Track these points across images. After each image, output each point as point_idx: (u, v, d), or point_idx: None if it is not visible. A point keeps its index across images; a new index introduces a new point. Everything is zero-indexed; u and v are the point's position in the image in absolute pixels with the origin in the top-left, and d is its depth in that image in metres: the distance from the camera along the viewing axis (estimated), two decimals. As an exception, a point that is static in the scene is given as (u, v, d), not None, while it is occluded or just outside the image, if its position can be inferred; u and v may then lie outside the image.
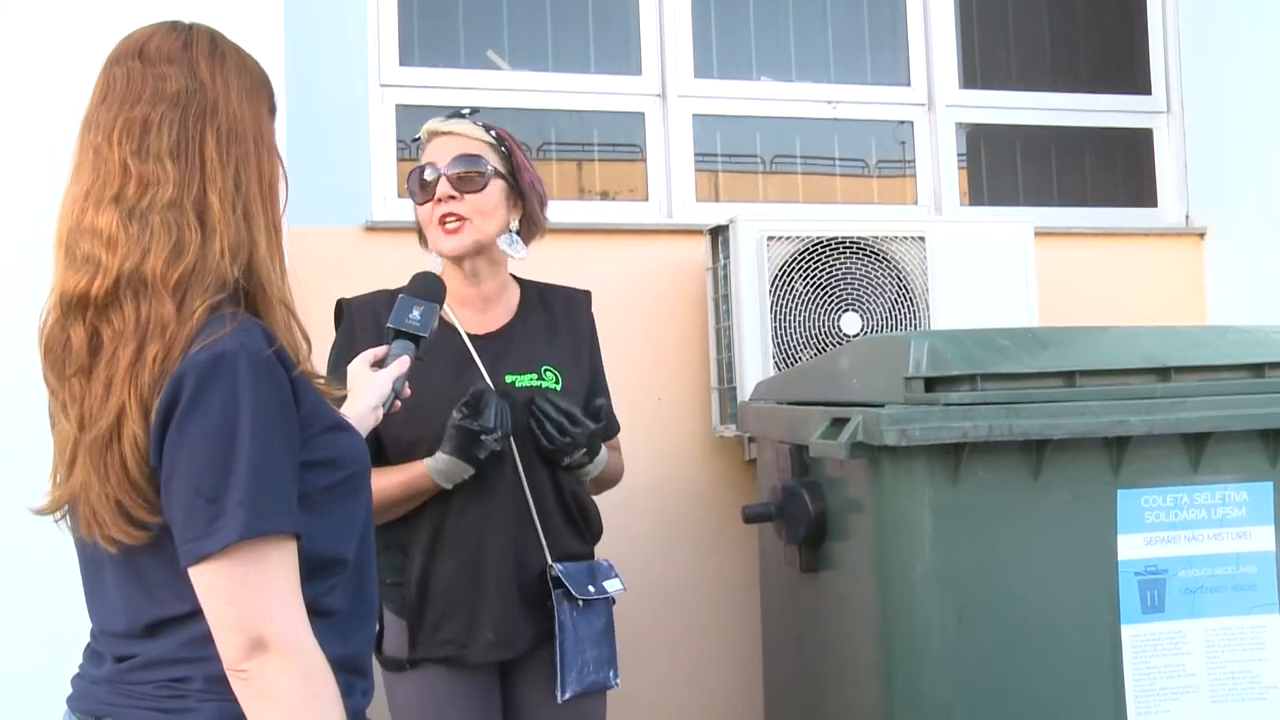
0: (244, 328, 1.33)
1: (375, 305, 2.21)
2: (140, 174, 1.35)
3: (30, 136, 2.59)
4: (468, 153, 2.21)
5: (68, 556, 1.49)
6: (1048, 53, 3.97)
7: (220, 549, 1.26)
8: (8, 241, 2.55)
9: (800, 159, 3.71)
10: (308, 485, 1.36)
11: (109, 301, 1.32)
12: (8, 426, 2.50)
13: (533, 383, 2.21)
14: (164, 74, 1.40)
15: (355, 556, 1.45)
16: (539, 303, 2.33)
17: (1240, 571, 2.12)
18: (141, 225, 1.33)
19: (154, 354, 1.29)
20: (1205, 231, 3.75)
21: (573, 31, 3.53)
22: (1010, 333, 2.20)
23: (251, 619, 1.27)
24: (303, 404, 1.37)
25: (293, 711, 1.28)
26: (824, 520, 2.28)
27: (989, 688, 2.03)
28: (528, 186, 2.26)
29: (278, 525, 1.30)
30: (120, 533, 1.32)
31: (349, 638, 1.43)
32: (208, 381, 1.28)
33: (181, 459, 1.28)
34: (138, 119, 1.37)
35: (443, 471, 2.09)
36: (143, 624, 1.37)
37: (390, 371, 1.82)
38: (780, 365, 3.03)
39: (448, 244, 2.19)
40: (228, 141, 1.40)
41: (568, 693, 2.16)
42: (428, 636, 2.13)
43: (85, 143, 1.40)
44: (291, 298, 1.44)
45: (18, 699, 2.42)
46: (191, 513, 1.27)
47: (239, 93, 1.43)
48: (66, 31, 2.62)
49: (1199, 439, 2.09)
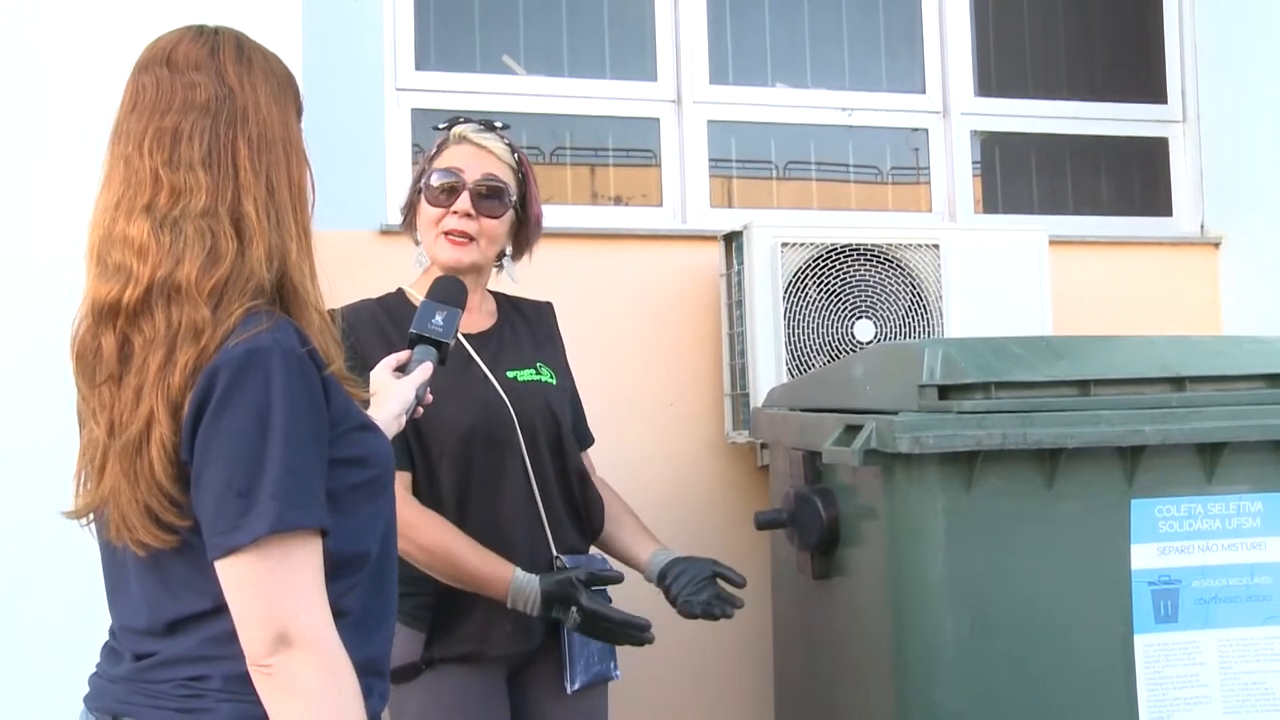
0: (279, 325, 1.34)
1: (372, 312, 2.22)
2: (172, 183, 1.36)
3: (30, 136, 2.60)
4: (496, 175, 2.22)
5: (78, 557, 1.50)
6: (1063, 61, 3.96)
7: (250, 541, 1.27)
8: (7, 242, 2.57)
9: (814, 165, 3.71)
10: (335, 483, 1.37)
11: (140, 310, 1.33)
12: (9, 427, 2.52)
13: (532, 378, 2.24)
14: (193, 82, 1.40)
15: (377, 557, 1.46)
16: (513, 310, 2.37)
17: (1255, 582, 2.12)
18: (174, 234, 1.34)
19: (185, 358, 1.30)
20: (1220, 241, 3.74)
21: (588, 37, 3.53)
22: (1024, 341, 2.20)
23: (277, 614, 1.28)
24: (333, 402, 1.38)
25: (316, 707, 1.28)
26: (836, 527, 2.28)
27: (1001, 696, 2.02)
28: (532, 217, 2.30)
29: (308, 520, 1.31)
30: (149, 536, 1.33)
31: (370, 638, 1.44)
32: (242, 376, 1.29)
33: (213, 452, 1.29)
34: (168, 128, 1.38)
35: (521, 592, 2.09)
36: (164, 621, 1.37)
37: (414, 378, 1.82)
38: (793, 372, 3.02)
39: (447, 255, 2.20)
40: (259, 148, 1.41)
41: (576, 683, 2.18)
42: (446, 635, 2.13)
43: (115, 152, 1.41)
44: (322, 300, 1.45)
45: (33, 698, 2.43)
46: (222, 506, 1.28)
47: (267, 97, 1.44)
48: (80, 33, 2.64)
49: (1214, 449, 2.08)
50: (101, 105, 1.54)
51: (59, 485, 1.49)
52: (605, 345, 3.18)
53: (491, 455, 2.16)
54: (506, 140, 2.28)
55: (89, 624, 1.50)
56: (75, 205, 1.64)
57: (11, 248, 2.58)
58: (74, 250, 1.42)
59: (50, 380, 1.73)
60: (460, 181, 2.20)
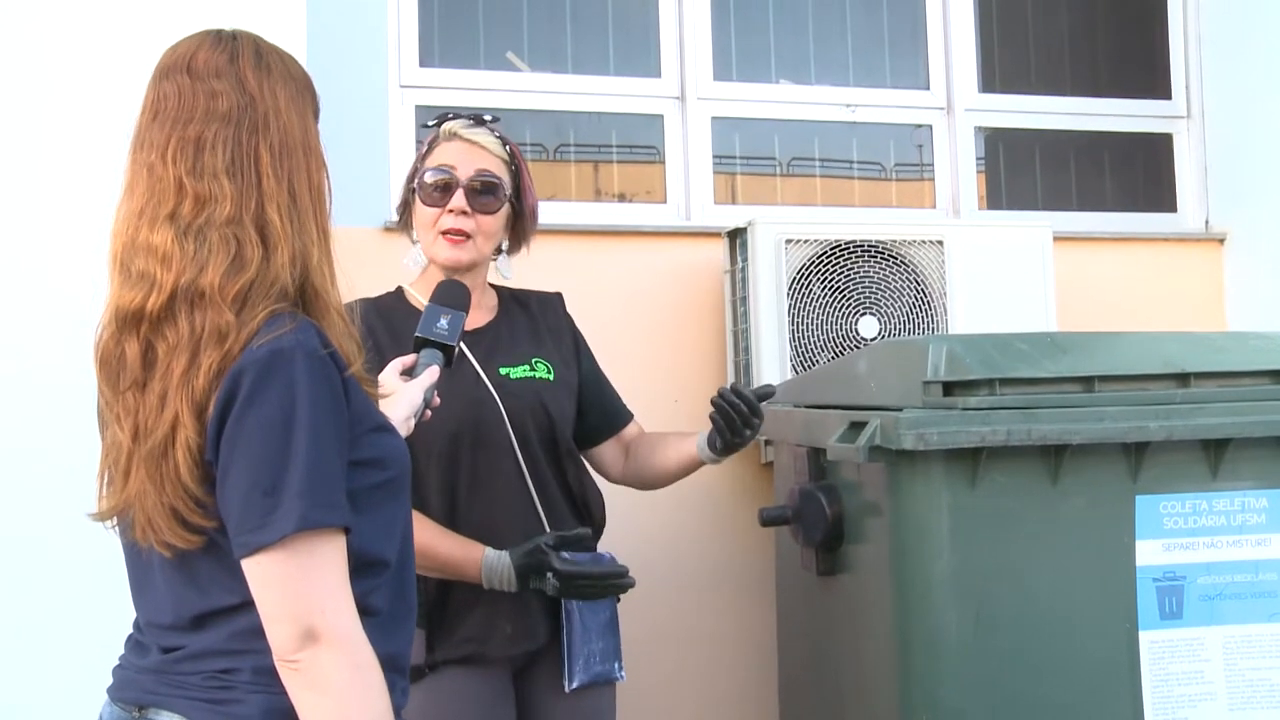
0: (302, 327, 1.35)
1: (363, 311, 2.21)
2: (196, 192, 1.37)
3: (42, 142, 2.61)
4: (489, 169, 2.21)
5: (93, 552, 1.50)
6: (1067, 57, 3.96)
7: (278, 539, 1.28)
8: (8, 243, 2.57)
9: (819, 162, 3.70)
10: (355, 484, 1.38)
11: (163, 316, 1.34)
12: (10, 428, 2.53)
13: (525, 374, 2.23)
14: (214, 90, 1.41)
15: (397, 557, 1.47)
16: (515, 304, 2.36)
17: (1260, 579, 2.12)
18: (199, 242, 1.36)
19: (210, 361, 1.31)
20: (1225, 237, 3.73)
21: (592, 33, 3.53)
22: (1029, 337, 2.20)
23: (304, 610, 1.29)
24: (353, 403, 1.39)
25: (343, 702, 1.30)
26: (841, 524, 2.28)
27: (1005, 692, 2.02)
28: (528, 209, 2.30)
29: (333, 518, 1.32)
30: (175, 538, 1.34)
31: (392, 636, 1.45)
32: (266, 376, 1.31)
33: (239, 451, 1.30)
34: (191, 138, 1.39)
35: (494, 570, 2.09)
36: (190, 616, 1.38)
37: (421, 381, 1.83)
38: (798, 368, 3.02)
39: (446, 255, 2.19)
40: (280, 155, 1.42)
41: (575, 682, 2.17)
42: (446, 637, 2.13)
43: (138, 160, 1.42)
44: (341, 302, 1.46)
45: (53, 688, 2.44)
46: (249, 505, 1.30)
47: (287, 102, 1.45)
48: (89, 33, 2.64)
49: (1219, 445, 2.08)
50: (113, 108, 1.55)
51: (73, 485, 1.49)
52: (609, 342, 3.16)
53: (481, 454, 2.15)
54: (498, 134, 2.27)
55: (108, 616, 1.50)
56: (82, 208, 1.65)
57: (25, 254, 2.59)
58: (85, 255, 1.43)
59: (54, 378, 1.74)
60: (453, 179, 2.19)
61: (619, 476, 2.46)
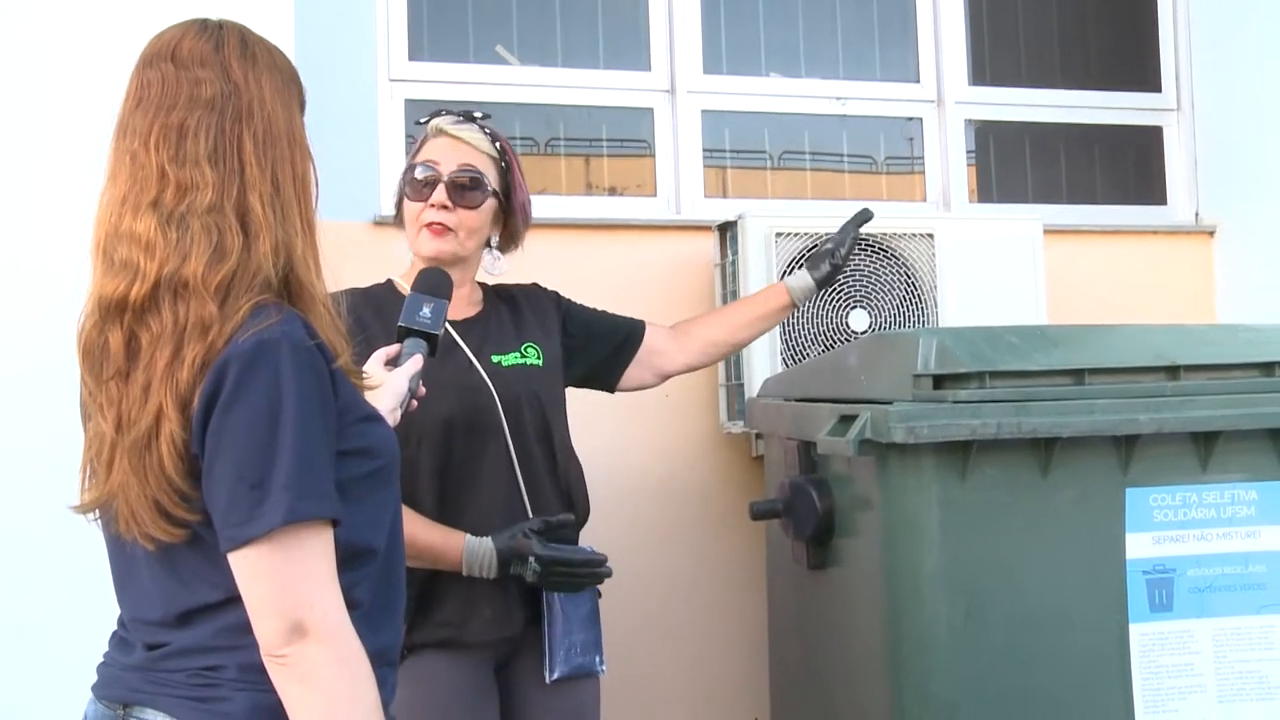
0: (287, 319, 1.34)
1: (352, 300, 2.21)
2: (178, 179, 1.36)
3: (29, 132, 2.59)
4: (472, 165, 2.22)
5: (81, 549, 1.49)
6: (1057, 50, 3.96)
7: (264, 533, 1.28)
8: (8, 242, 2.56)
9: (809, 155, 3.70)
10: (343, 474, 1.37)
11: (147, 306, 1.33)
12: (9, 427, 2.52)
13: (517, 361, 2.24)
14: (198, 78, 1.40)
15: (385, 548, 1.46)
16: (498, 298, 2.37)
17: (1249, 571, 2.12)
18: (181, 230, 1.34)
19: (193, 354, 1.30)
20: (1215, 229, 3.74)
21: (582, 27, 3.53)
22: (1019, 330, 2.20)
23: (291, 604, 1.28)
24: (340, 394, 1.39)
25: (331, 696, 1.29)
26: (831, 517, 2.28)
27: (996, 685, 2.03)
28: (518, 206, 2.29)
29: (321, 510, 1.31)
30: (159, 531, 1.33)
31: (380, 628, 1.44)
32: (252, 368, 1.30)
33: (225, 444, 1.29)
34: (174, 125, 1.38)
35: (475, 556, 2.09)
36: (176, 612, 1.37)
37: (405, 371, 1.82)
38: (788, 362, 3.02)
39: (428, 247, 2.21)
40: (264, 144, 1.41)
41: (556, 673, 2.18)
42: (424, 620, 2.13)
43: (121, 147, 1.40)
44: (328, 294, 1.45)
45: (37, 688, 2.43)
46: (235, 498, 1.29)
47: (272, 92, 1.44)
48: (78, 26, 2.63)
49: (1209, 438, 2.09)
50: (101, 100, 1.54)
51: (60, 479, 1.48)
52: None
53: (473, 440, 2.16)
54: (487, 130, 2.27)
55: (107, 616, 1.49)
56: (74, 199, 1.64)
57: (12, 244, 2.57)
58: (85, 254, 1.41)
59: (53, 376, 1.73)
60: (436, 174, 2.20)
61: (683, 364, 2.52)
